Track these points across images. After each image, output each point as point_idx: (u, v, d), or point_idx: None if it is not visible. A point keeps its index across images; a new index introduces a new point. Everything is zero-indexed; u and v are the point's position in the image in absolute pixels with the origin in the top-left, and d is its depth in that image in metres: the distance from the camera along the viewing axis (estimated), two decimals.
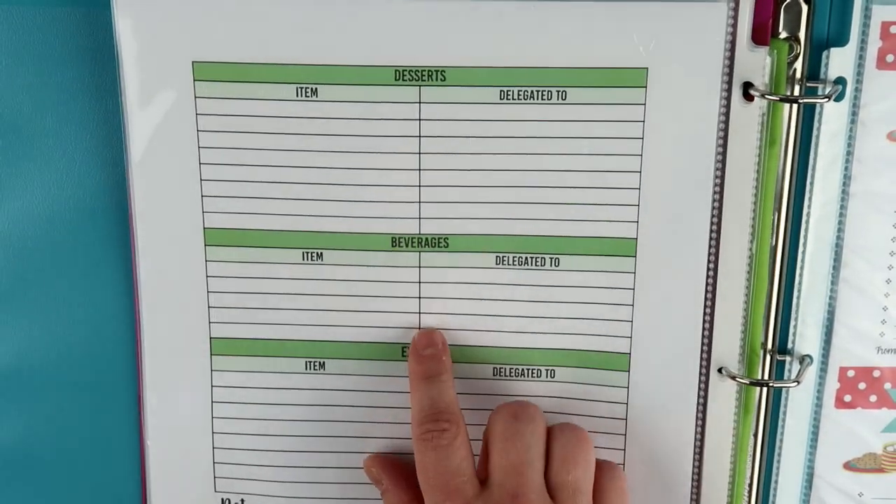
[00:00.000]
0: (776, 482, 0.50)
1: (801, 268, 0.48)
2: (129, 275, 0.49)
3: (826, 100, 0.45)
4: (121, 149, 0.47)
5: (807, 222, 0.47)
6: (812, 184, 0.47)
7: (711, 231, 0.46)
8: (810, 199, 0.47)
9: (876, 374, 0.48)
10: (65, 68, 0.47)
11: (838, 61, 0.45)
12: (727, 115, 0.45)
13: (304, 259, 0.48)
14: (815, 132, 0.46)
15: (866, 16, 0.44)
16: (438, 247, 0.47)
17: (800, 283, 0.48)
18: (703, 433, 0.48)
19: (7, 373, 0.51)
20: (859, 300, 0.48)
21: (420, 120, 0.45)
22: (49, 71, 0.47)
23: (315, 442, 0.50)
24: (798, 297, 0.48)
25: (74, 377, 0.51)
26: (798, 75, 0.45)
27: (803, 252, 0.48)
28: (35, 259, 0.49)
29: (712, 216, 0.46)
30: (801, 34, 0.45)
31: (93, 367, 0.51)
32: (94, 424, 0.51)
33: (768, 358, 0.48)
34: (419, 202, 0.47)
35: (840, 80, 0.45)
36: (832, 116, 0.46)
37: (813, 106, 0.46)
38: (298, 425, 0.50)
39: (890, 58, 0.45)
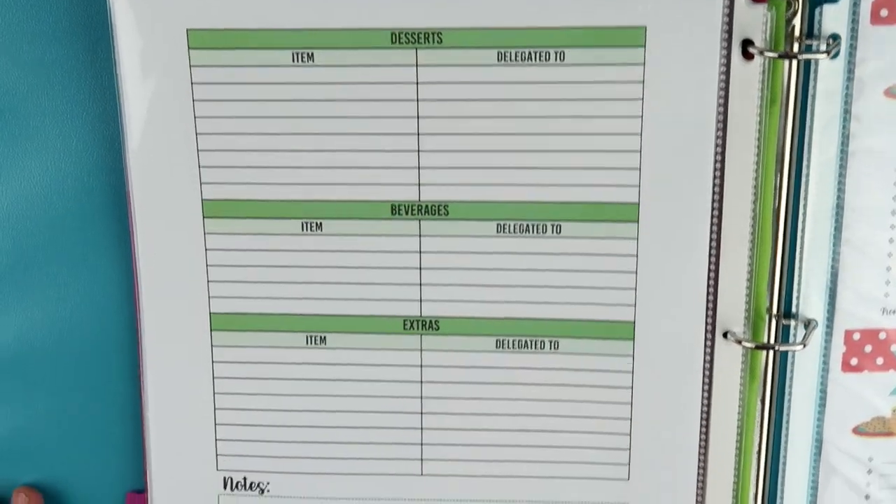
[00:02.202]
0: (785, 448, 0.49)
1: (803, 230, 0.47)
2: (127, 252, 0.48)
3: (825, 55, 0.44)
4: (117, 125, 0.47)
5: (807, 183, 0.47)
6: (810, 143, 0.46)
7: (714, 193, 0.46)
8: (808, 159, 0.46)
9: (882, 335, 0.48)
10: (59, 45, 0.47)
11: (832, 17, 0.45)
12: (727, 74, 0.44)
13: (303, 230, 0.47)
14: (811, 90, 0.46)
15: None
16: (438, 215, 0.47)
17: (802, 246, 0.47)
18: (709, 399, 0.48)
19: (7, 353, 0.50)
20: (862, 261, 0.47)
21: (417, 83, 0.45)
22: (43, 49, 0.47)
23: (317, 417, 0.49)
24: (801, 260, 0.48)
25: (74, 355, 0.50)
26: (797, 32, 0.45)
27: (804, 214, 0.47)
28: (33, 238, 0.49)
29: (714, 178, 0.45)
30: None
31: (92, 344, 0.50)
32: (95, 403, 0.51)
33: (773, 322, 0.48)
34: (418, 168, 0.46)
35: (834, 37, 0.45)
36: (828, 74, 0.45)
37: (809, 64, 0.45)
38: (300, 400, 0.49)
39: (884, 12, 0.44)
